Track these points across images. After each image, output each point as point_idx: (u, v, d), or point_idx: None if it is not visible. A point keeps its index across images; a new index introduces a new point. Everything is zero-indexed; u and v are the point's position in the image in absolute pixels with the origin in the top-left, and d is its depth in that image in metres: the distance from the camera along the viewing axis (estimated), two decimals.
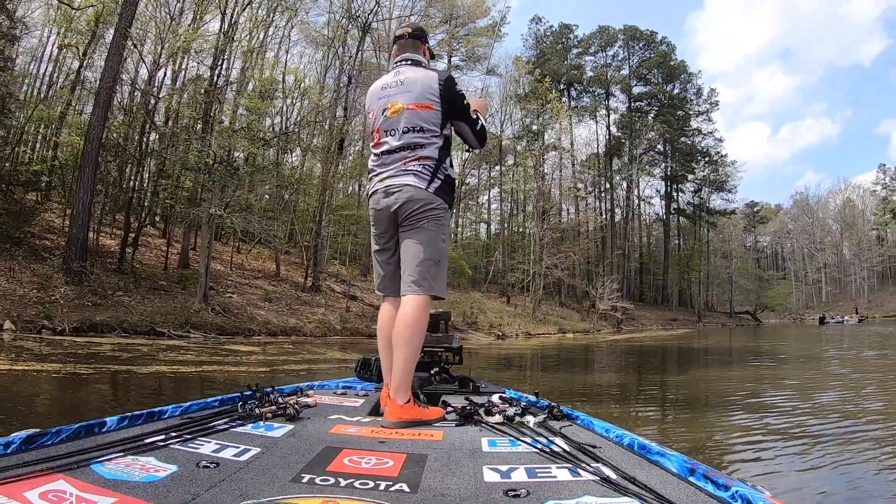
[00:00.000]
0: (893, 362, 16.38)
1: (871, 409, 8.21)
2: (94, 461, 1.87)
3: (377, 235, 3.40)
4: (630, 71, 78.99)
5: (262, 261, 32.16)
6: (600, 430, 2.63)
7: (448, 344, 4.29)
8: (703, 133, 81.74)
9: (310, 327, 23.46)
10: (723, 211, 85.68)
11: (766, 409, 8.20)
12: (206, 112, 25.34)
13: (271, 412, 2.80)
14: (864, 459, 5.21)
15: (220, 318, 20.89)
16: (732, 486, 1.70)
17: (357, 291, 30.96)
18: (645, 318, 63.25)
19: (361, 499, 1.68)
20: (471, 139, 3.51)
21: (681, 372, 15.61)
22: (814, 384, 11.51)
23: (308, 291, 28.27)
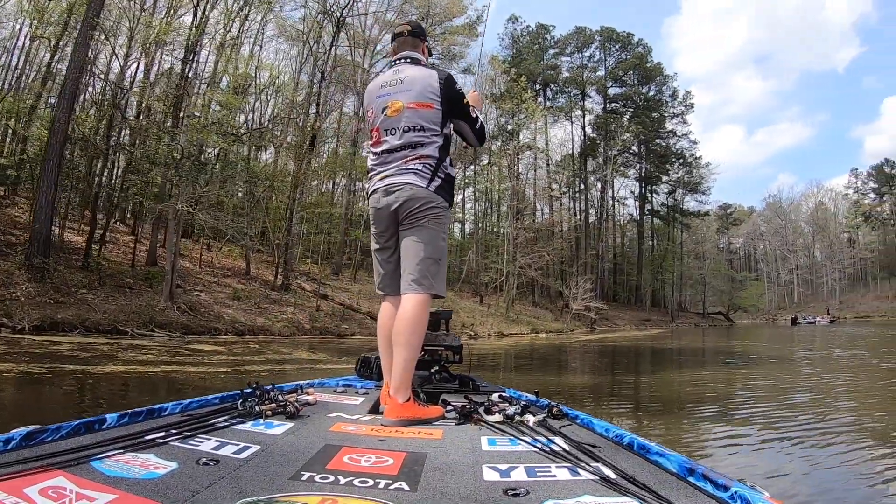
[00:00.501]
0: (863, 363, 16.52)
1: (841, 408, 8.32)
2: (94, 458, 1.88)
3: (377, 234, 3.41)
4: (606, 72, 79.20)
5: (233, 259, 31.80)
6: (600, 430, 2.63)
7: (448, 342, 4.25)
8: (677, 135, 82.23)
9: (278, 326, 23.08)
10: (696, 212, 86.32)
11: (738, 410, 8.25)
12: (175, 106, 24.93)
13: (271, 410, 2.81)
14: (838, 461, 5.28)
15: (185, 317, 20.51)
16: (732, 486, 1.70)
17: (328, 290, 30.63)
18: (618, 319, 63.35)
19: (361, 497, 1.68)
20: (470, 138, 3.53)
21: (654, 373, 15.63)
22: (785, 385, 11.58)
23: (278, 290, 27.86)
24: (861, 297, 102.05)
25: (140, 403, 2.74)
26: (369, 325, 27.22)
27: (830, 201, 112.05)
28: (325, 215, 39.24)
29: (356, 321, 27.28)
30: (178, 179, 22.40)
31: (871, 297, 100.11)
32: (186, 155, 23.08)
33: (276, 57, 42.56)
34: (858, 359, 17.84)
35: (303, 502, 1.63)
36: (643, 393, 10.86)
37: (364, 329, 26.41)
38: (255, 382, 3.12)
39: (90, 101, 26.62)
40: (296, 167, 32.27)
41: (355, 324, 26.92)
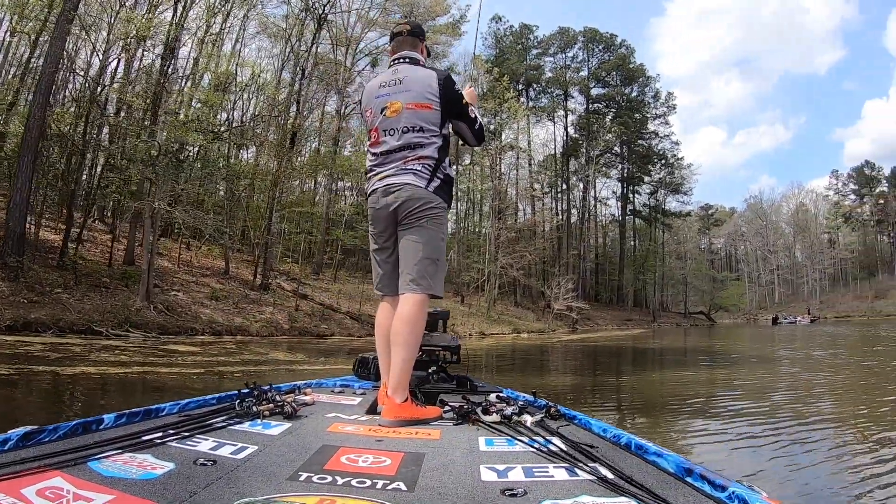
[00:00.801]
0: (843, 362, 16.66)
1: (822, 409, 8.33)
2: (92, 458, 1.87)
3: (376, 234, 3.41)
4: (589, 73, 79.46)
5: (213, 258, 31.49)
6: (597, 430, 2.63)
7: (446, 343, 4.27)
8: (659, 136, 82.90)
9: (256, 327, 22.86)
10: (678, 213, 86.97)
11: (720, 411, 8.26)
12: (154, 103, 24.65)
13: (269, 410, 2.81)
14: (820, 459, 5.33)
15: (162, 317, 20.26)
16: (729, 486, 1.69)
17: (308, 290, 30.47)
18: (600, 319, 63.59)
19: (358, 497, 1.68)
20: (469, 138, 3.54)
21: (636, 373, 15.59)
22: (766, 384, 11.58)
23: (257, 290, 27.62)
24: (841, 296, 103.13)
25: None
26: (349, 325, 27.10)
27: (811, 202, 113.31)
28: (305, 214, 39.03)
29: (336, 321, 27.14)
30: (155, 177, 22.11)
31: (851, 297, 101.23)
32: (164, 152, 22.82)
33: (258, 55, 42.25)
34: (839, 358, 18.05)
35: (300, 503, 1.63)
36: (625, 394, 10.80)
37: (343, 329, 26.28)
38: (252, 383, 3.14)
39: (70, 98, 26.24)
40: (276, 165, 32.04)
41: (335, 324, 26.79)
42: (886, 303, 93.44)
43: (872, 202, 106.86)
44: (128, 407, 2.62)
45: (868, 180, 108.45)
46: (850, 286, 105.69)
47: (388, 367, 3.12)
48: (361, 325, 27.19)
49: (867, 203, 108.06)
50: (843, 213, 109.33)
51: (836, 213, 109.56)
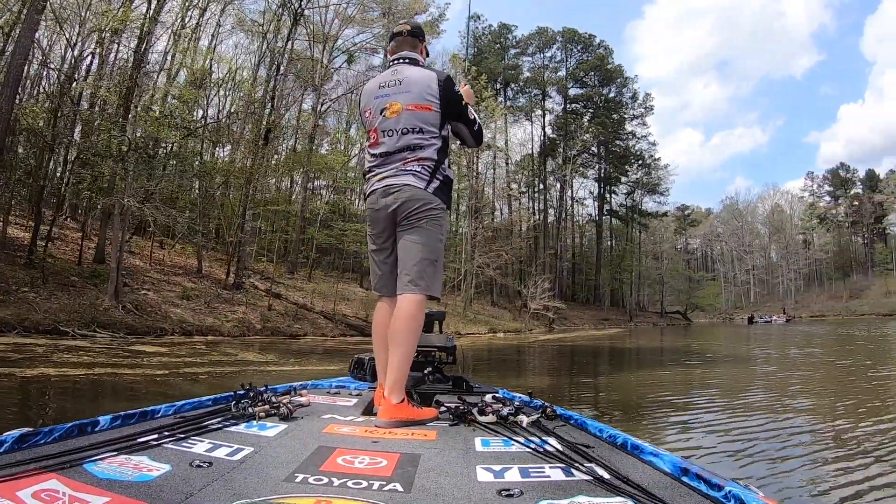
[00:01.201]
0: (818, 360, 16.84)
1: (798, 408, 8.38)
2: (87, 460, 1.87)
3: (374, 235, 3.39)
4: (567, 73, 79.68)
5: (186, 257, 31.07)
6: (594, 430, 2.64)
7: (442, 343, 4.24)
8: (637, 136, 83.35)
9: (228, 326, 22.53)
10: (655, 213, 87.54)
11: (696, 411, 8.21)
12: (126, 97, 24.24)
13: (264, 411, 2.80)
14: (798, 458, 5.37)
15: (131, 317, 19.89)
16: (725, 486, 1.69)
17: (282, 289, 30.18)
18: (577, 318, 63.73)
19: (355, 498, 1.67)
20: (468, 139, 3.55)
21: (613, 373, 15.47)
22: (741, 384, 11.64)
23: (230, 289, 27.26)
24: (816, 296, 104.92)
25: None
26: (322, 325, 26.84)
27: (786, 204, 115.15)
28: (281, 213, 38.70)
29: (309, 321, 26.88)
30: (125, 173, 21.68)
31: (826, 297, 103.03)
32: (134, 147, 22.41)
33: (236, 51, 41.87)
34: (814, 357, 18.19)
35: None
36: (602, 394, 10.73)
37: (317, 329, 26.03)
38: (248, 384, 3.12)
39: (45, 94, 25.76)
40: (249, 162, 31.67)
41: (308, 324, 26.52)
42: (861, 303, 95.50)
43: (847, 204, 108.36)
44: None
45: (843, 182, 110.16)
46: (824, 286, 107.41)
47: (385, 368, 3.12)
48: (335, 325, 27.00)
49: (842, 204, 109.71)
50: (818, 215, 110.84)
51: (811, 214, 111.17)
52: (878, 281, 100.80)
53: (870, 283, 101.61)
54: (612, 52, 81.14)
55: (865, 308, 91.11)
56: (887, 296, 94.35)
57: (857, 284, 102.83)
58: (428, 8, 49.10)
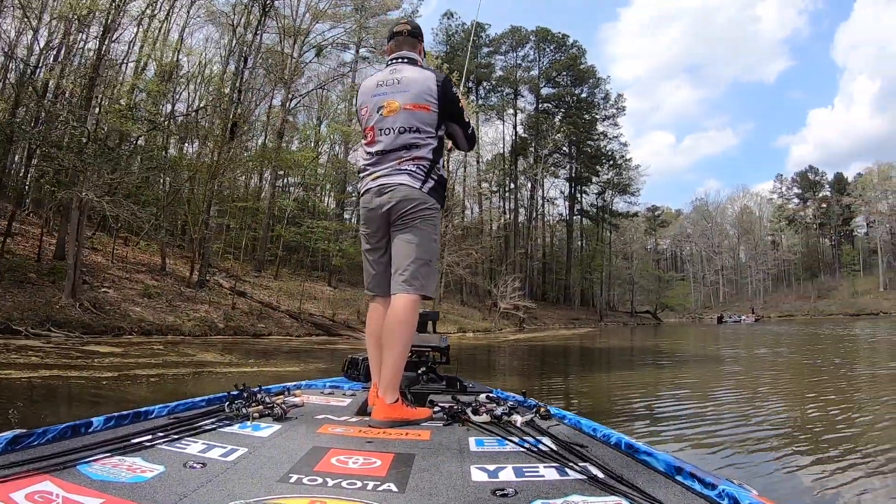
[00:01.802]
0: (787, 359, 16.99)
1: (770, 409, 8.30)
2: (81, 462, 1.86)
3: (368, 234, 3.39)
4: (539, 72, 79.68)
5: (150, 254, 30.32)
6: (588, 430, 2.64)
7: (435, 343, 4.31)
8: (608, 137, 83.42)
9: (189, 326, 21.90)
10: (626, 213, 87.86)
11: (667, 412, 8.10)
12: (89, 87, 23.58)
13: (258, 412, 2.81)
14: (769, 459, 5.32)
15: (88, 316, 19.27)
16: (719, 484, 1.70)
17: (247, 287, 29.65)
18: (547, 318, 63.76)
19: (349, 499, 1.67)
20: (462, 142, 3.59)
21: (584, 374, 15.18)
22: (711, 384, 11.55)
23: (193, 287, 26.65)
24: (784, 296, 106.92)
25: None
26: (287, 324, 26.34)
27: (755, 205, 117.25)
28: (249, 210, 38.15)
29: (274, 320, 26.33)
30: (83, 165, 20.97)
31: (794, 297, 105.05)
32: (93, 139, 21.74)
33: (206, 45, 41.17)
34: (782, 356, 18.29)
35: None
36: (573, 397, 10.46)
37: (282, 329, 25.52)
38: (241, 385, 3.14)
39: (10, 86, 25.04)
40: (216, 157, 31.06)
41: (273, 323, 25.97)
42: (828, 303, 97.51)
43: (815, 206, 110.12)
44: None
45: (811, 185, 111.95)
46: (793, 286, 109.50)
47: (379, 368, 3.11)
48: (301, 325, 26.50)
49: (810, 207, 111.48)
50: (787, 216, 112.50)
51: (779, 215, 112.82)
52: (845, 282, 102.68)
53: (837, 283, 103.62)
54: (584, 52, 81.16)
55: (833, 308, 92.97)
56: (854, 296, 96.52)
57: (824, 285, 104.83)
58: (401, 4, 48.96)
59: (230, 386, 3.22)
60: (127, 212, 22.50)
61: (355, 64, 50.81)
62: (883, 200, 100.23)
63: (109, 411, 2.55)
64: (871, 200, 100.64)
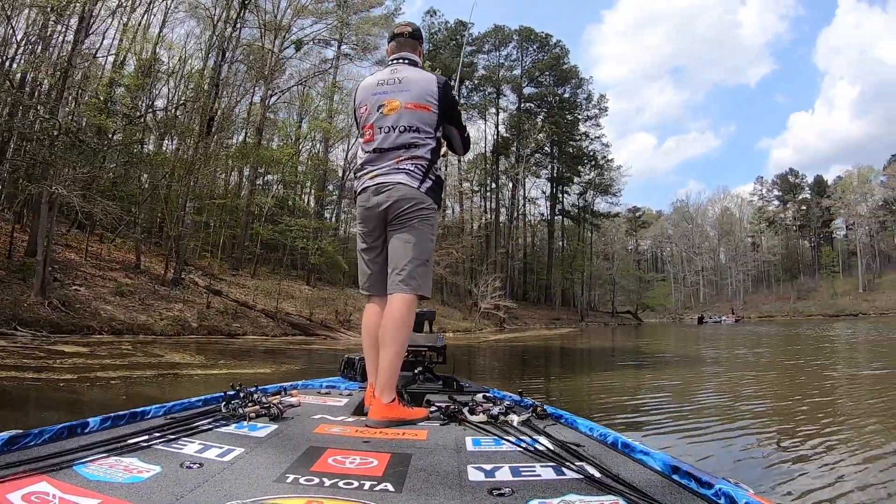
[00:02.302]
0: (769, 360, 17.03)
1: (754, 410, 8.22)
2: (77, 462, 1.85)
3: (365, 233, 3.39)
4: (522, 71, 79.54)
5: (126, 252, 29.72)
6: (584, 429, 2.65)
7: (432, 343, 4.32)
8: (590, 137, 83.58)
9: (161, 325, 21.44)
10: (607, 213, 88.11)
11: (649, 415, 8.09)
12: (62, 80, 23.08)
13: (255, 412, 2.78)
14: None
15: (57, 314, 18.79)
16: (716, 483, 1.70)
17: (224, 286, 29.21)
18: (528, 318, 63.80)
19: (346, 499, 1.67)
20: (457, 145, 3.58)
21: (565, 375, 15.00)
22: (693, 385, 11.51)
23: (168, 285, 26.17)
24: (764, 297, 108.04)
25: None
26: (263, 323, 25.94)
27: (736, 207, 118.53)
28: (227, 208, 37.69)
29: (250, 319, 25.90)
30: (52, 158, 20.45)
31: (774, 298, 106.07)
32: (64, 131, 21.25)
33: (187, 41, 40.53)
34: (764, 356, 18.38)
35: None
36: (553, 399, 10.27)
37: (257, 328, 25.11)
38: (238, 385, 3.12)
39: None
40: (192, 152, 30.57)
41: (248, 322, 25.56)
42: (808, 304, 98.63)
43: (795, 208, 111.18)
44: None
45: (791, 187, 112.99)
46: (772, 287, 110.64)
47: (376, 368, 3.13)
48: (277, 324, 26.10)
49: (790, 209, 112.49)
50: (767, 218, 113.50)
51: (759, 217, 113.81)
52: (824, 283, 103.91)
53: (816, 284, 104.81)
54: (567, 52, 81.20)
55: (813, 309, 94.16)
56: (834, 297, 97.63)
57: (804, 286, 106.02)
58: (384, 1, 48.57)
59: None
60: (98, 207, 22.05)
61: (337, 61, 50.37)
62: (862, 203, 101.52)
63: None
64: (850, 203, 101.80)
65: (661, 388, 11.07)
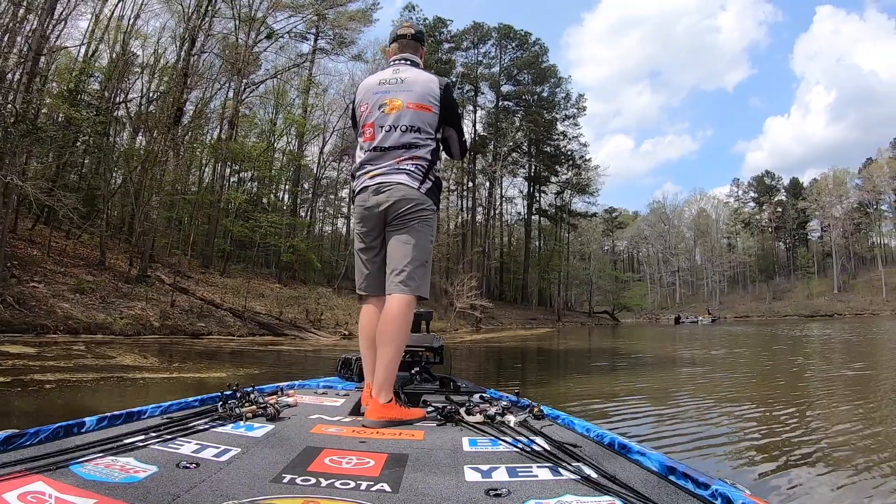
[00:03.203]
0: (748, 360, 17.09)
1: (734, 413, 7.99)
2: (74, 462, 1.84)
3: (363, 233, 3.36)
4: (501, 69, 79.17)
5: (92, 248, 28.69)
6: (581, 430, 2.63)
7: (429, 343, 4.30)
8: (568, 137, 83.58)
9: (121, 324, 20.39)
10: (584, 213, 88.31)
11: (626, 419, 7.78)
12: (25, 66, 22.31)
13: (252, 412, 2.75)
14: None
15: (9, 312, 17.85)
16: (712, 484, 1.70)
17: (191, 284, 28.37)
18: (505, 317, 63.66)
19: (342, 499, 1.66)
20: (455, 147, 3.55)
21: (542, 377, 14.34)
22: (670, 387, 11.20)
23: (132, 282, 25.29)
24: (740, 298, 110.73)
25: None
26: (230, 323, 25.03)
27: (712, 208, 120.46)
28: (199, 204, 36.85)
29: (216, 318, 24.97)
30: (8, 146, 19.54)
31: (750, 299, 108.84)
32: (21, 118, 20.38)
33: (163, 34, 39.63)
34: (743, 356, 18.57)
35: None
36: None
37: (223, 328, 24.18)
38: (235, 384, 3.08)
39: None
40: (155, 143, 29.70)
41: (214, 321, 24.62)
42: (783, 304, 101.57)
43: (771, 210, 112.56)
44: None
45: (768, 189, 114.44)
46: (748, 288, 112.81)
47: (373, 368, 3.11)
48: (244, 324, 25.18)
49: (766, 210, 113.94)
50: (743, 220, 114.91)
51: (735, 218, 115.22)
52: (800, 284, 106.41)
53: (792, 285, 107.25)
54: (546, 50, 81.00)
55: (789, 310, 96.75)
56: (809, 298, 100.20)
57: (780, 287, 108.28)
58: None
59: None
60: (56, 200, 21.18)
61: (313, 55, 49.72)
62: (837, 205, 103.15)
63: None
64: (826, 205, 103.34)
65: (640, 391, 10.65)
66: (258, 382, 3.69)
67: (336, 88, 51.32)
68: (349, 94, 50.09)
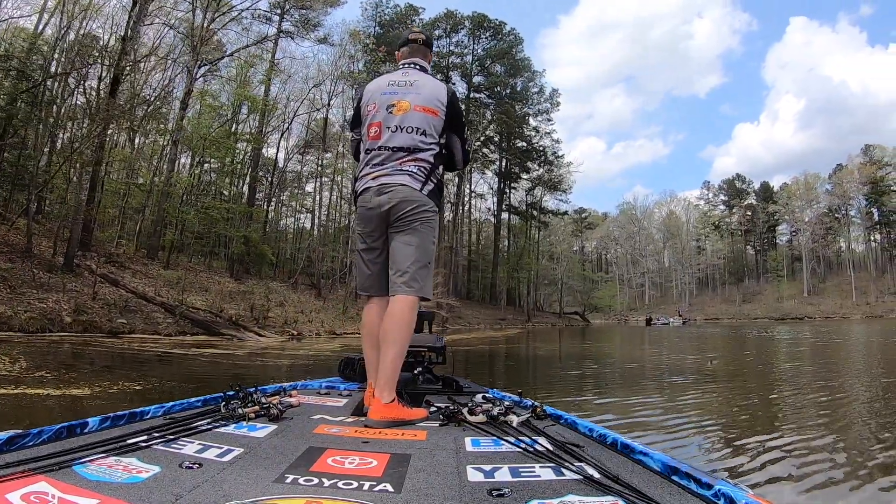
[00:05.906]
0: (724, 367, 15.64)
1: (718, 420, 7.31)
2: (77, 462, 1.86)
3: (365, 234, 3.38)
4: (473, 59, 77.51)
5: (21, 234, 25.84)
6: (584, 430, 2.64)
7: (431, 344, 4.28)
8: (541, 132, 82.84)
9: (23, 319, 17.50)
10: (555, 211, 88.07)
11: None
12: None
13: (254, 412, 2.78)
14: None
15: None
16: (715, 484, 1.71)
17: (127, 275, 25.74)
18: (472, 317, 62.64)
19: (345, 499, 1.67)
20: (458, 154, 3.54)
21: (510, 384, 12.41)
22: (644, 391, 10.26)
23: (57, 272, 22.53)
24: (710, 300, 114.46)
25: None
26: (158, 319, 21.85)
27: (682, 211, 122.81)
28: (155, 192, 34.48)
29: (143, 314, 21.80)
30: None
31: (720, 301, 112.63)
32: None
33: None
34: (726, 359, 17.88)
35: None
36: None
37: (149, 325, 20.93)
38: (237, 384, 3.09)
39: None
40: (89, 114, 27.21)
41: (140, 317, 21.47)
42: (753, 307, 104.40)
43: (741, 213, 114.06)
44: None
45: (738, 192, 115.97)
46: (718, 290, 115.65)
47: (375, 368, 3.11)
48: (175, 321, 22.15)
49: (736, 214, 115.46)
50: (713, 222, 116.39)
51: (705, 221, 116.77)
52: (770, 287, 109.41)
53: (762, 288, 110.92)
54: (521, 40, 79.03)
55: (759, 312, 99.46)
56: (779, 301, 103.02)
57: (749, 289, 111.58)
58: None
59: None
60: None
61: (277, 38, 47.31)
62: (807, 209, 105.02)
63: None
64: (796, 209, 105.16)
65: (620, 401, 8.98)
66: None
67: (301, 75, 48.86)
68: (314, 80, 48.00)
